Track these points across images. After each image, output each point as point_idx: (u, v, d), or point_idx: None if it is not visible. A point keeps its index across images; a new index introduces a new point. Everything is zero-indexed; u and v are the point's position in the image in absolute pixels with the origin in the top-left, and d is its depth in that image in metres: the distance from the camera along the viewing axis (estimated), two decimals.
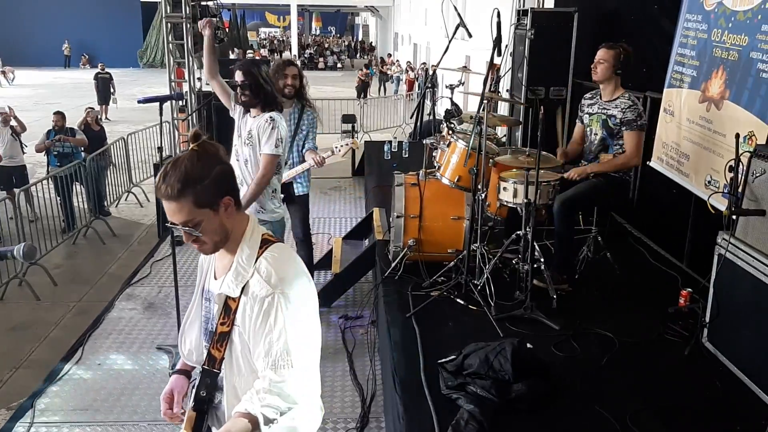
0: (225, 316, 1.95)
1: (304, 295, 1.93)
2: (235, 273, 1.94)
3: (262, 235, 2.01)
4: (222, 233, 1.93)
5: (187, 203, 1.83)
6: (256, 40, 48.34)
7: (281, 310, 1.86)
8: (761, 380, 3.18)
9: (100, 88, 20.10)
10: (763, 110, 3.80)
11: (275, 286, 1.87)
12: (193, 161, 1.85)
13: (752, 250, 3.26)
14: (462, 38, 4.98)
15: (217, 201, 1.87)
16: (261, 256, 1.94)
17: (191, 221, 1.85)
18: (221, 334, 1.96)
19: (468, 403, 3.01)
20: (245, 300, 1.91)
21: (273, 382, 1.84)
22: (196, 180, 1.82)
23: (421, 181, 4.68)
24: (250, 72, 4.04)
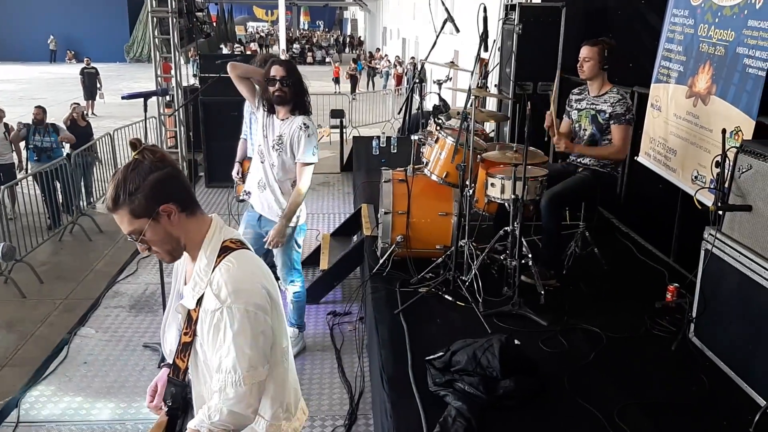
0: (187, 326, 1.90)
1: (257, 310, 1.85)
2: (193, 283, 1.89)
3: (224, 241, 1.92)
4: (171, 241, 1.87)
5: (124, 214, 1.80)
6: (244, 34, 48.09)
7: (229, 326, 1.80)
8: (747, 375, 3.20)
9: (86, 83, 19.94)
10: (750, 105, 3.80)
11: (224, 300, 1.81)
12: (127, 172, 1.80)
13: (738, 245, 3.27)
14: (450, 33, 4.97)
15: (154, 209, 1.80)
16: (218, 266, 1.87)
17: (132, 232, 1.82)
18: (184, 344, 1.91)
19: (456, 400, 3.01)
20: (202, 312, 1.86)
21: (222, 399, 1.82)
22: (127, 191, 1.78)
23: (409, 177, 4.66)
24: (294, 69, 4.00)
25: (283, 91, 3.95)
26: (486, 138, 5.66)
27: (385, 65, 29.19)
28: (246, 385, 1.82)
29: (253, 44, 41.19)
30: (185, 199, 1.88)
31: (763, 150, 3.18)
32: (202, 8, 9.90)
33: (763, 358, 3.05)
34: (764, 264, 3.06)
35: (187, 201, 1.88)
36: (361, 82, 27.46)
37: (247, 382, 1.82)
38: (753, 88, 3.78)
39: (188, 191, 1.91)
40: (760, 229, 3.16)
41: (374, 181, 5.91)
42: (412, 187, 4.60)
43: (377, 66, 30.22)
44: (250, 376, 1.82)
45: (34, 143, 8.96)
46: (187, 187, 1.92)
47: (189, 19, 9.22)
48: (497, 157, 4.25)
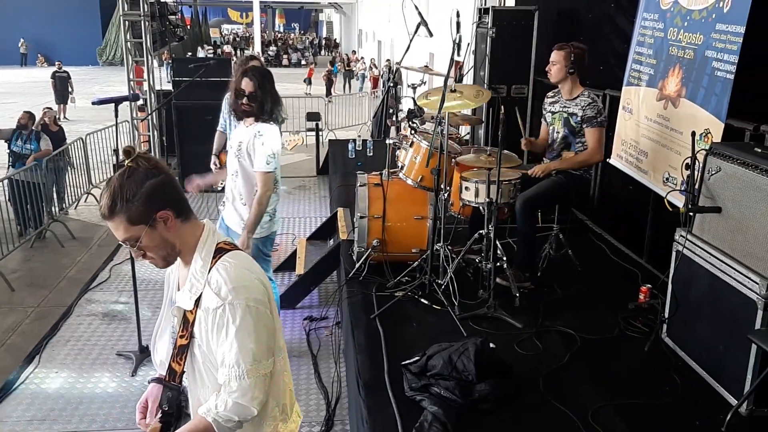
0: (183, 329, 1.92)
1: (258, 305, 1.89)
2: (190, 285, 1.92)
3: (218, 243, 1.96)
4: (167, 247, 1.89)
5: (120, 221, 1.81)
6: (219, 36, 47.78)
7: (231, 322, 1.83)
8: (719, 375, 3.24)
9: (58, 87, 19.68)
10: (719, 108, 3.86)
11: (225, 297, 1.84)
12: (123, 179, 1.81)
13: (708, 246, 3.31)
14: (424, 36, 4.97)
15: (151, 216, 1.83)
16: (214, 266, 1.90)
17: (128, 239, 1.84)
18: (180, 347, 1.94)
19: (432, 404, 3.01)
20: (201, 313, 1.88)
21: (227, 392, 1.86)
22: (125, 198, 1.80)
23: (384, 181, 4.66)
24: (264, 82, 3.87)
25: (250, 105, 3.87)
26: (460, 142, 5.68)
27: (361, 68, 29.18)
28: (250, 378, 1.85)
29: (227, 47, 40.99)
30: (180, 205, 1.91)
31: (732, 152, 3.23)
32: (174, 11, 9.82)
33: (733, 358, 3.10)
34: (734, 265, 3.11)
35: (182, 207, 1.91)
36: (337, 85, 27.43)
37: (251, 375, 1.85)
38: (721, 90, 3.84)
39: (182, 197, 1.94)
40: (729, 230, 3.21)
41: (350, 185, 5.90)
42: (387, 191, 4.60)
43: (353, 68, 30.19)
44: (254, 369, 1.86)
45: (13, 148, 8.79)
46: (181, 194, 1.94)
47: (161, 23, 9.13)
48: (471, 161, 4.27)
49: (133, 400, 4.19)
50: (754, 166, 3.05)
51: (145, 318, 4.94)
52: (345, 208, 5.99)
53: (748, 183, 3.07)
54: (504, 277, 4.20)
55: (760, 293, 2.92)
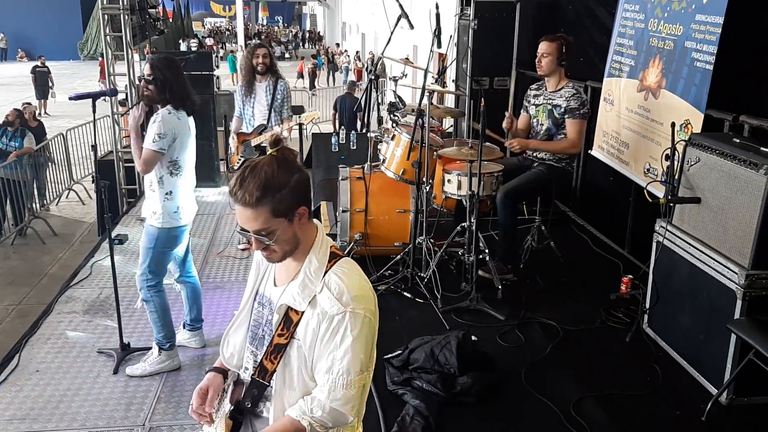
0: (284, 327, 1.89)
1: (373, 316, 1.89)
2: (302, 285, 1.88)
3: (330, 247, 1.95)
4: (293, 243, 1.87)
5: (264, 211, 1.77)
6: (202, 30, 47.45)
7: (350, 330, 1.82)
8: (699, 364, 3.26)
9: (38, 82, 19.50)
10: (698, 99, 3.88)
11: (347, 304, 1.82)
12: (274, 168, 1.79)
13: (688, 237, 3.33)
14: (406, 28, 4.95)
15: (293, 210, 1.82)
16: (330, 270, 1.89)
17: (265, 230, 1.80)
18: (277, 346, 1.90)
19: (414, 398, 3.01)
20: (311, 314, 1.86)
21: (329, 398, 1.84)
22: (275, 188, 1.77)
23: (367, 175, 4.64)
24: (161, 66, 3.94)
25: (148, 89, 3.94)
26: (443, 134, 5.67)
27: (344, 61, 29.09)
28: (356, 388, 1.84)
29: (209, 40, 40.71)
30: (311, 203, 1.94)
31: (711, 143, 3.24)
32: (154, 4, 9.71)
33: (713, 348, 3.12)
34: (713, 255, 3.13)
35: (311, 205, 1.93)
36: (321, 78, 27.34)
37: (357, 385, 1.85)
38: (701, 81, 3.85)
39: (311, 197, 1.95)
40: (708, 220, 3.23)
41: (333, 179, 5.87)
42: (369, 185, 4.58)
43: (337, 61, 30.09)
44: (360, 379, 1.85)
45: None
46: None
47: (141, 16, 9.02)
48: (453, 154, 4.26)
49: (114, 398, 4.16)
50: (733, 157, 3.06)
51: (126, 315, 4.90)
52: (328, 202, 5.96)
53: (727, 173, 3.09)
54: (486, 270, 4.20)
55: (739, 283, 2.94)
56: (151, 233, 4.11)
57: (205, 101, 8.87)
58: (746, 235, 2.96)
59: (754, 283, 2.92)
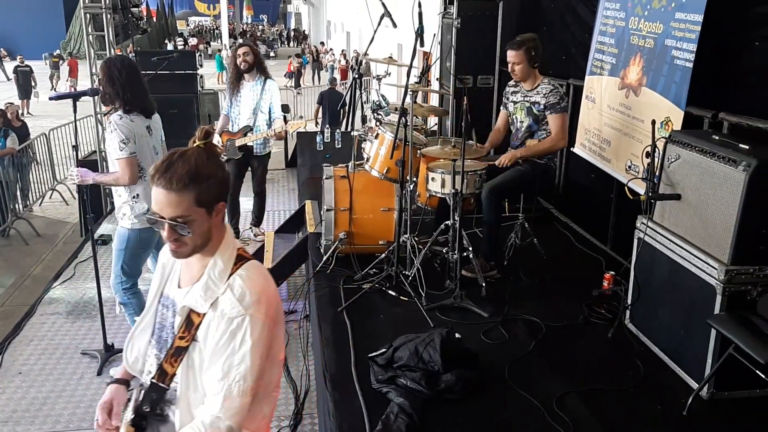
0: (186, 330, 1.85)
1: (273, 321, 1.86)
2: (205, 287, 1.85)
3: (238, 249, 1.93)
4: (206, 238, 1.85)
5: (188, 198, 1.76)
6: (186, 29, 47.17)
7: (249, 334, 1.78)
8: (680, 359, 3.29)
9: (21, 82, 19.32)
10: (678, 96, 3.91)
11: (247, 307, 1.79)
12: (204, 158, 1.79)
13: (669, 233, 3.36)
14: (389, 26, 4.96)
15: (214, 204, 1.82)
16: (235, 272, 1.86)
17: (185, 218, 1.77)
18: (178, 348, 1.86)
19: (398, 396, 3.01)
20: (212, 316, 1.82)
21: (226, 407, 1.78)
22: (204, 177, 1.77)
23: (351, 174, 4.65)
24: (108, 67, 3.98)
25: (103, 91, 4.01)
26: (427, 133, 5.68)
27: (329, 59, 29.04)
28: (250, 396, 1.81)
29: (193, 39, 40.49)
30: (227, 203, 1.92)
31: (690, 140, 3.27)
32: (137, 4, 9.65)
33: (694, 343, 3.15)
34: (693, 251, 3.16)
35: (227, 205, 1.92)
36: (306, 76, 27.27)
37: (252, 392, 1.82)
38: (681, 79, 3.89)
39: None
40: (688, 216, 3.26)
41: (318, 177, 5.85)
42: (353, 184, 4.58)
43: (322, 60, 30.03)
44: (256, 386, 1.83)
45: None
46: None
47: (124, 15, 8.97)
48: (437, 152, 4.27)
49: (98, 399, 4.12)
50: (712, 153, 3.09)
51: (110, 316, 4.87)
52: (313, 201, 5.95)
53: (707, 170, 3.12)
54: (469, 269, 4.22)
55: (719, 278, 2.97)
56: (122, 235, 4.11)
57: (189, 100, 8.86)
58: (725, 231, 2.99)
59: (733, 279, 2.95)
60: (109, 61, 4.04)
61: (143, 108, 4.02)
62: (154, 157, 4.08)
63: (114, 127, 3.90)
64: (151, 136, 4.09)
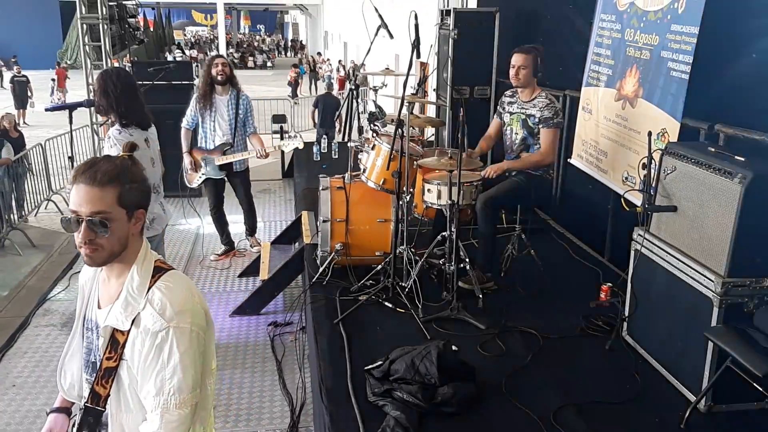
0: (111, 350, 1.81)
1: (200, 329, 1.82)
2: (125, 303, 1.80)
3: (155, 261, 1.88)
4: (122, 244, 1.80)
5: (111, 195, 1.73)
6: (183, 39, 47.26)
7: (176, 346, 1.75)
8: (677, 372, 3.28)
9: (17, 92, 19.29)
10: (674, 108, 3.92)
11: (170, 319, 1.75)
12: (127, 164, 1.82)
13: (665, 245, 3.36)
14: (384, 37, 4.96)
15: (135, 209, 1.80)
16: (153, 285, 1.81)
17: (104, 214, 1.72)
18: (107, 370, 1.82)
19: (394, 409, 2.99)
20: (135, 333, 1.78)
21: (165, 422, 1.77)
22: (128, 178, 1.77)
23: (347, 185, 4.64)
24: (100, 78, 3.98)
25: (98, 103, 4.01)
26: (424, 144, 5.68)
27: (327, 69, 29.10)
28: (188, 408, 1.79)
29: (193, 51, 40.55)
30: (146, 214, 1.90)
31: (686, 152, 3.27)
32: (134, 14, 9.66)
33: (691, 355, 3.14)
34: (689, 263, 3.15)
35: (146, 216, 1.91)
36: (303, 87, 27.32)
37: (188, 404, 1.79)
38: (677, 90, 3.90)
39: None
40: (685, 228, 3.25)
41: (315, 188, 5.84)
42: (350, 194, 4.58)
43: (319, 70, 30.10)
44: (193, 397, 1.80)
45: None
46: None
47: (120, 26, 8.98)
48: (433, 163, 4.27)
49: None
50: (708, 165, 3.09)
51: None
52: (309, 212, 5.94)
53: (702, 182, 3.12)
54: (466, 280, 4.21)
55: (715, 291, 2.97)
56: None
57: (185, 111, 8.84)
58: (722, 243, 2.99)
59: (729, 291, 2.95)
60: (105, 74, 4.03)
61: (139, 121, 4.01)
62: (151, 168, 4.06)
63: (114, 141, 3.89)
64: (149, 147, 4.08)
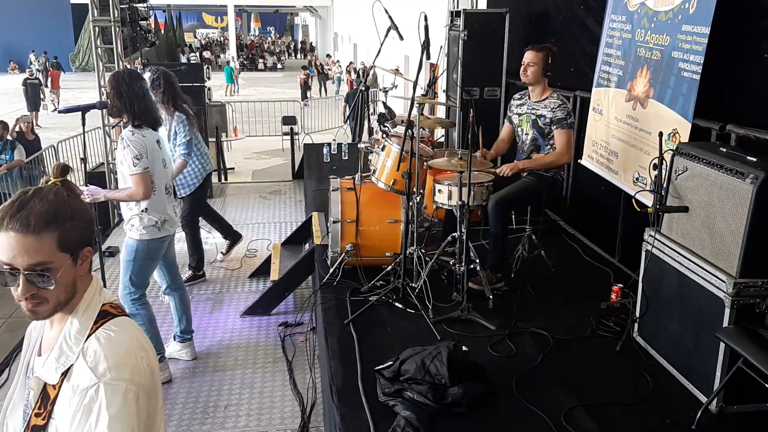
0: (41, 405, 1.54)
1: (140, 389, 1.50)
2: (59, 352, 1.53)
3: (103, 305, 1.60)
4: (70, 291, 1.54)
5: (49, 241, 1.45)
6: (194, 41, 47.49)
7: (105, 408, 1.44)
8: (689, 373, 3.27)
9: (30, 94, 19.45)
10: (686, 108, 3.90)
11: (102, 375, 1.46)
12: (63, 196, 1.51)
13: (676, 245, 3.35)
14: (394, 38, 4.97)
15: (80, 249, 1.53)
16: (93, 333, 1.54)
17: (45, 265, 1.45)
18: (35, 428, 1.53)
19: (405, 409, 3.00)
20: (66, 388, 1.50)
21: None
22: (66, 216, 1.48)
23: (357, 186, 4.65)
24: (112, 80, 4.00)
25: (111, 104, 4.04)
26: (434, 145, 5.69)
27: (336, 71, 29.17)
28: None
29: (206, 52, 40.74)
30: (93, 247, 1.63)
31: (698, 152, 3.26)
32: (146, 16, 9.72)
33: (703, 356, 3.13)
34: (701, 263, 3.14)
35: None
36: (313, 89, 27.39)
37: None
38: (688, 91, 3.88)
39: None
40: (696, 229, 3.24)
41: (325, 189, 5.87)
42: (360, 195, 4.59)
43: (329, 72, 30.17)
44: None
45: None
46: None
47: (132, 28, 9.04)
48: (443, 164, 4.27)
49: None
50: (719, 166, 3.08)
51: None
52: (320, 213, 5.96)
53: (714, 182, 3.11)
54: (476, 281, 4.21)
55: (727, 291, 2.95)
56: (130, 246, 4.13)
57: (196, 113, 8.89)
58: (733, 243, 2.98)
59: (741, 292, 2.94)
60: (117, 75, 4.06)
61: (152, 122, 4.04)
62: (163, 171, 4.09)
63: (127, 143, 3.92)
64: (161, 149, 4.11)
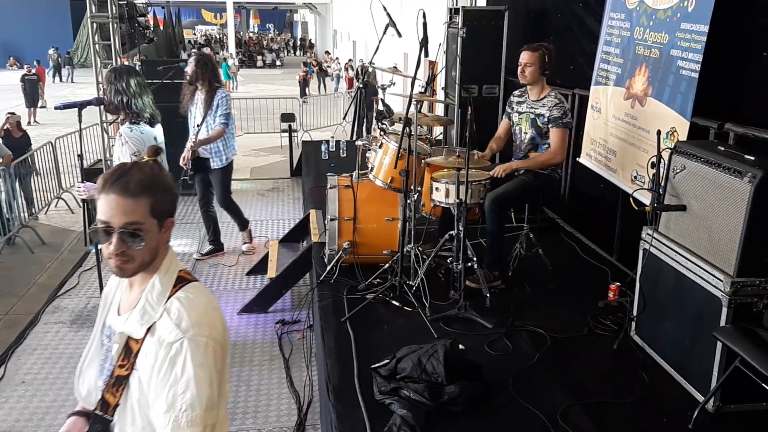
0: (125, 358, 1.74)
1: (217, 344, 1.72)
2: (142, 311, 1.74)
3: (179, 272, 1.82)
4: (152, 254, 1.75)
5: (143, 205, 1.68)
6: (193, 38, 47.39)
7: (190, 359, 1.65)
8: (686, 372, 3.27)
9: (28, 91, 19.38)
10: (684, 106, 3.90)
11: (186, 330, 1.67)
12: (157, 170, 1.76)
13: (674, 244, 3.34)
14: (393, 35, 4.96)
15: (166, 218, 1.76)
16: (173, 295, 1.75)
17: (138, 225, 1.67)
18: (118, 378, 1.74)
19: (401, 408, 2.99)
20: (150, 343, 1.70)
21: None
22: (160, 186, 1.73)
23: (355, 183, 4.64)
24: (108, 77, 4.03)
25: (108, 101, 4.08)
26: (432, 142, 5.67)
27: (335, 68, 29.11)
28: (200, 427, 1.65)
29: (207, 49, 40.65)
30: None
31: (695, 151, 3.25)
32: (144, 13, 9.69)
33: (700, 355, 3.12)
34: (698, 262, 3.14)
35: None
36: (311, 85, 27.33)
37: (204, 422, 1.66)
38: (687, 89, 3.87)
39: None
40: (694, 228, 3.24)
41: (323, 186, 5.84)
42: (357, 193, 4.58)
43: (328, 69, 30.12)
44: (208, 416, 1.67)
45: None
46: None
47: (130, 24, 9.02)
48: (441, 162, 4.26)
49: None
50: (717, 165, 3.07)
51: None
52: (317, 210, 5.95)
53: (712, 181, 3.10)
54: (473, 279, 4.20)
55: (725, 290, 2.95)
56: None
57: None
58: (731, 242, 2.97)
59: (739, 291, 2.93)
60: (114, 71, 4.06)
61: (149, 118, 4.04)
62: None
63: (125, 139, 3.93)
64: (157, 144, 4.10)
